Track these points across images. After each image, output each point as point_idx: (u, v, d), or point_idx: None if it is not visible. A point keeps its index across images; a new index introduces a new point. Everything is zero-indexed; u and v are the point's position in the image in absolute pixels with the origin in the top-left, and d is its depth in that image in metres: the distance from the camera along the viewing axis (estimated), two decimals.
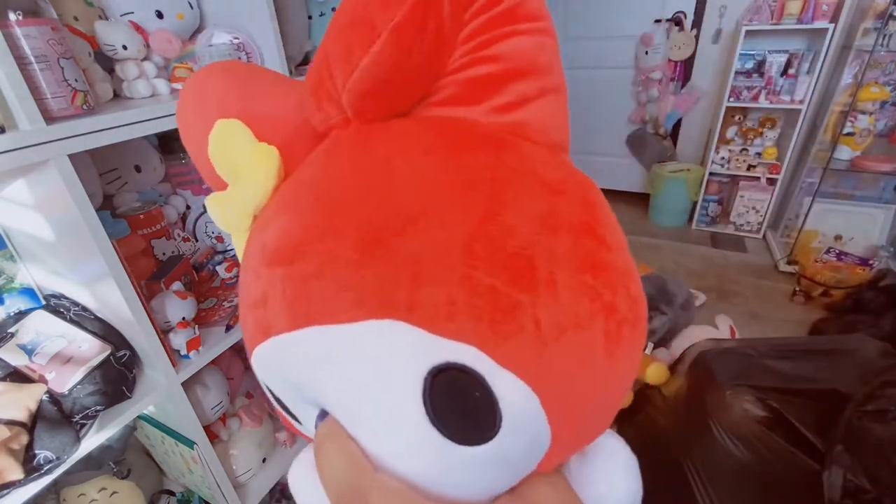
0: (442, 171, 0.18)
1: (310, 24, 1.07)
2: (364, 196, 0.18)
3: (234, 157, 0.23)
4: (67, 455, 0.61)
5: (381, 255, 0.17)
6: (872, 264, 2.04)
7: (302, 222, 0.19)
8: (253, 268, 0.21)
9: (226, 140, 0.23)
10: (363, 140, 0.20)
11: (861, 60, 2.02)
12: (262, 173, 0.22)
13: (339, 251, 0.17)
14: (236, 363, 1.09)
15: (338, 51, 0.19)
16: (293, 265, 0.18)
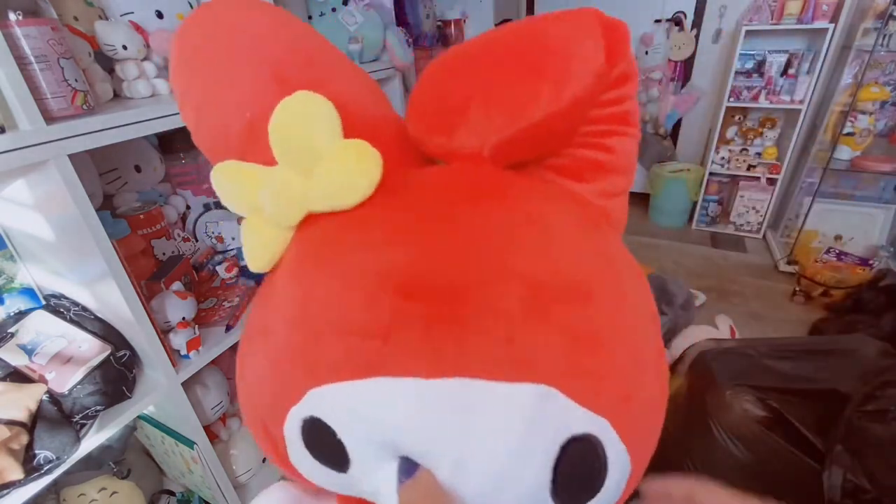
0: (595, 250, 0.20)
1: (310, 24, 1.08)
2: (527, 252, 0.18)
3: (317, 142, 0.20)
4: (67, 455, 0.61)
5: (547, 319, 0.17)
6: (872, 264, 2.04)
7: (448, 261, 0.18)
8: (358, 287, 0.18)
9: (310, 118, 0.20)
10: (505, 188, 0.20)
11: (861, 60, 2.02)
12: (362, 179, 0.19)
13: (503, 304, 0.17)
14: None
15: (507, 96, 0.19)
16: (445, 306, 0.17)
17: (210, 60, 0.22)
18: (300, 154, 0.20)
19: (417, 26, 1.58)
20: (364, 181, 0.19)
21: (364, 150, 0.20)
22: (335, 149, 0.20)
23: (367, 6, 1.11)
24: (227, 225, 1.01)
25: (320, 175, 0.20)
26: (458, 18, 1.88)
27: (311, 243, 0.20)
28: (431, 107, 0.21)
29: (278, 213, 0.20)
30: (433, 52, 1.74)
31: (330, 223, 0.20)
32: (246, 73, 0.21)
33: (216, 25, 0.22)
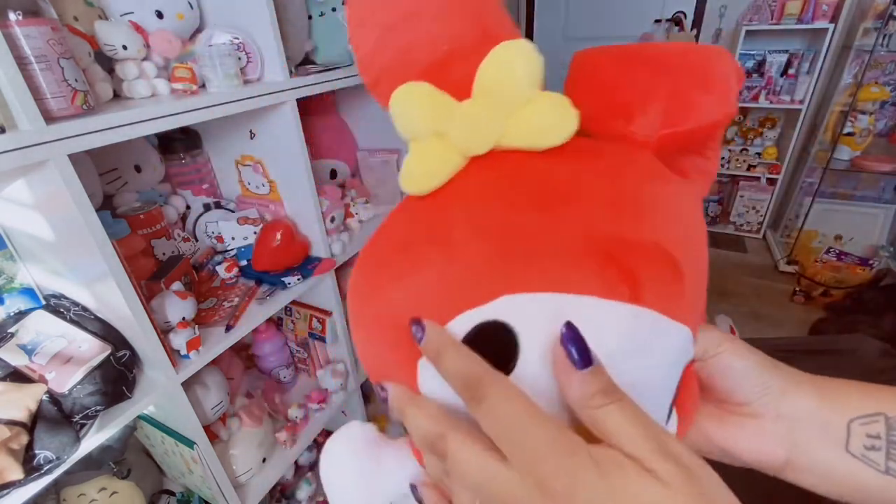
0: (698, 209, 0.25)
1: (310, 24, 1.07)
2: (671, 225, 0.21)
3: (522, 88, 0.22)
4: (67, 455, 0.61)
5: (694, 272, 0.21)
6: (872, 264, 2.04)
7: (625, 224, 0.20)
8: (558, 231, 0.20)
9: (525, 65, 0.22)
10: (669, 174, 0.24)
11: (861, 60, 2.02)
12: (563, 127, 0.22)
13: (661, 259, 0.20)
14: (236, 363, 1.09)
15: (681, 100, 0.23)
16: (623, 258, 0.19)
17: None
18: (508, 95, 0.22)
19: None
20: (565, 128, 0.22)
21: (565, 103, 0.22)
22: (540, 96, 0.22)
23: None
24: (226, 225, 1.01)
25: (523, 116, 0.22)
26: None
27: (505, 176, 0.22)
28: (612, 94, 0.25)
29: (471, 141, 0.22)
30: None
31: (519, 162, 0.22)
32: (454, 10, 0.23)
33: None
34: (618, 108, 0.24)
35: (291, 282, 0.97)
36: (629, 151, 0.23)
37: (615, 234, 0.19)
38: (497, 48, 0.22)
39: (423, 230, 0.22)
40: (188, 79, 0.76)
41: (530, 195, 0.21)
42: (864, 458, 0.22)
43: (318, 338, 1.15)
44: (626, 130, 0.24)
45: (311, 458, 1.34)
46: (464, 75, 0.22)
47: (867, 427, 0.23)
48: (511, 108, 0.22)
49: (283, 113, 0.89)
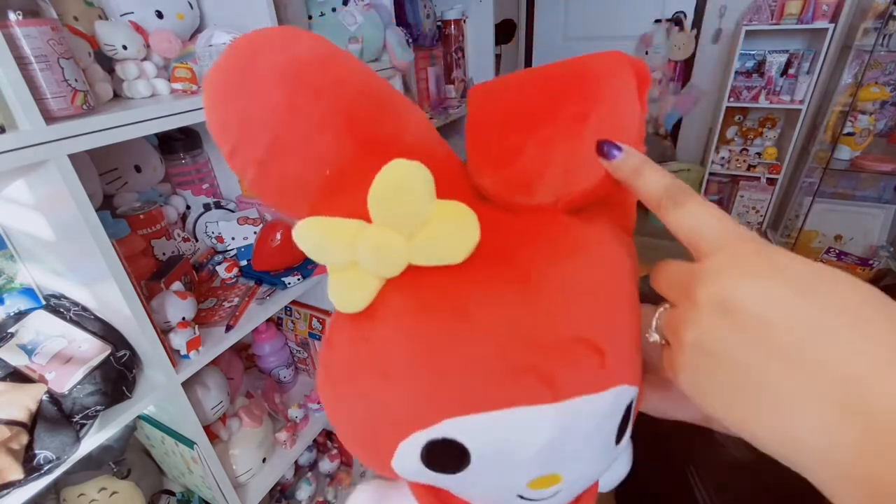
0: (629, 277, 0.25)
1: (310, 24, 1.07)
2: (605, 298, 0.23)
3: (418, 208, 0.22)
4: (67, 455, 0.61)
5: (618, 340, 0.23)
6: (872, 264, 2.04)
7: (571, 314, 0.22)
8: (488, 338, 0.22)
9: (411, 186, 0.21)
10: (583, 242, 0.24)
11: (861, 60, 2.02)
12: (466, 241, 0.22)
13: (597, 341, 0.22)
14: (236, 363, 1.09)
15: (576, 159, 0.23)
16: (555, 354, 0.21)
17: (268, 115, 0.21)
18: (403, 218, 0.22)
19: (417, 26, 1.58)
20: (466, 245, 0.22)
21: (463, 213, 0.22)
22: (439, 212, 0.22)
23: (367, 6, 1.11)
24: (226, 225, 1.01)
25: (425, 236, 0.22)
26: (458, 18, 1.88)
27: (420, 295, 0.23)
28: (507, 167, 0.24)
29: (381, 266, 0.22)
30: (433, 51, 1.74)
31: (434, 277, 0.22)
32: (318, 129, 0.22)
33: (264, 72, 0.21)
34: (516, 183, 0.24)
35: (291, 282, 0.97)
36: (536, 228, 0.23)
37: (530, 341, 0.21)
38: (381, 174, 0.21)
39: (363, 360, 0.24)
40: (188, 79, 0.76)
41: (446, 315, 0.22)
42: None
43: (318, 338, 1.15)
44: (530, 203, 0.24)
45: (311, 458, 1.34)
46: (356, 193, 0.22)
47: None
48: (412, 228, 0.22)
49: None
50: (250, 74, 0.21)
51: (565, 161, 0.23)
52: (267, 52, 0.21)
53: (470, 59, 2.05)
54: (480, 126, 0.26)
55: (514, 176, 0.24)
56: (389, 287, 0.23)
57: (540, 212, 0.24)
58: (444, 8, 1.83)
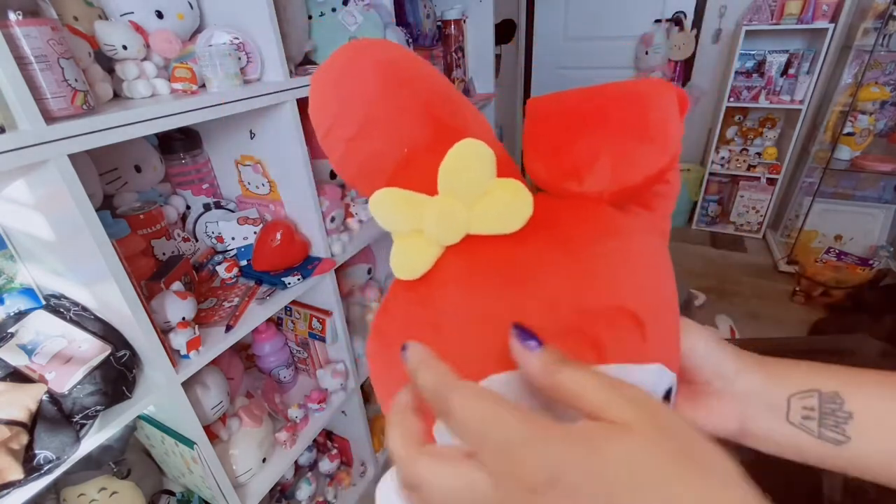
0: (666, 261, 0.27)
1: (310, 24, 1.07)
2: (640, 272, 0.25)
3: (480, 180, 0.24)
4: (67, 455, 0.61)
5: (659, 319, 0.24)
6: (872, 264, 2.04)
7: (613, 284, 0.23)
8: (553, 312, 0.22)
9: (477, 160, 0.24)
10: (624, 227, 0.26)
11: (861, 60, 2.03)
12: (520, 212, 0.24)
13: (640, 314, 0.23)
14: (236, 363, 1.09)
15: (626, 155, 0.25)
16: (597, 324, 0.22)
17: (365, 98, 0.25)
18: (467, 187, 0.24)
19: (417, 26, 1.58)
20: (522, 214, 0.24)
21: (519, 188, 0.25)
22: (496, 185, 0.25)
23: (367, 6, 1.11)
24: (226, 225, 1.01)
25: (484, 206, 0.24)
26: (458, 18, 1.88)
27: (476, 259, 0.25)
28: (561, 157, 0.27)
29: (443, 233, 0.25)
30: (433, 51, 1.74)
31: (489, 247, 0.25)
32: (403, 112, 0.26)
33: (365, 65, 0.26)
34: (568, 171, 0.26)
35: (291, 282, 0.97)
36: (584, 212, 0.26)
37: (577, 305, 0.22)
38: (453, 149, 0.24)
39: (418, 315, 0.25)
40: (188, 79, 0.76)
41: (501, 278, 0.23)
42: (801, 425, 0.27)
43: (317, 338, 1.15)
44: (579, 190, 0.26)
45: (310, 458, 1.34)
46: (428, 170, 0.25)
47: (803, 401, 0.27)
48: (472, 200, 0.24)
49: (283, 113, 0.89)
50: (355, 66, 0.26)
51: (614, 157, 0.26)
52: (369, 50, 0.26)
53: (470, 59, 2.05)
54: (536, 127, 0.29)
55: (567, 164, 0.27)
56: (447, 255, 0.25)
57: (587, 199, 0.26)
58: (444, 8, 1.83)
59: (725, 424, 0.29)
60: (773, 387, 0.28)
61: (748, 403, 0.29)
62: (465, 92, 1.99)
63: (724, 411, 0.29)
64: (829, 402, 0.26)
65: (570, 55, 3.02)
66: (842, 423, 0.26)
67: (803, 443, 0.27)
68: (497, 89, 2.16)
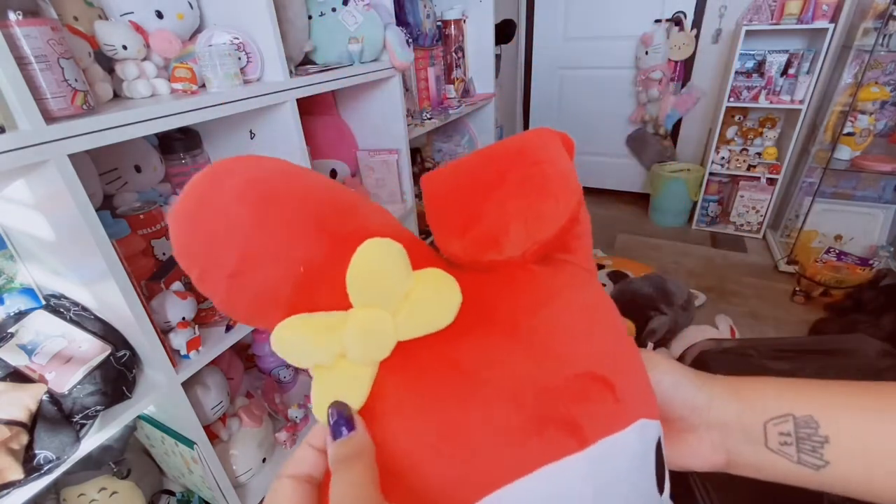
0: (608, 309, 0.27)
1: (310, 24, 1.07)
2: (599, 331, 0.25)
3: (400, 281, 0.22)
4: (67, 455, 0.61)
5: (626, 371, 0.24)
6: (872, 264, 2.04)
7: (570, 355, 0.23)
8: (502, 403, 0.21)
9: (389, 261, 0.22)
10: (554, 288, 0.25)
11: (861, 60, 2.02)
12: (451, 302, 0.22)
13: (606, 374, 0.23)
14: (236, 363, 1.09)
15: (534, 213, 0.25)
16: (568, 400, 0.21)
17: (236, 228, 0.22)
18: (386, 293, 0.22)
19: (417, 26, 1.58)
20: (452, 305, 0.22)
21: (441, 277, 0.23)
22: (417, 282, 0.22)
23: (367, 6, 1.11)
24: None
25: (410, 307, 0.22)
26: (458, 18, 1.88)
27: (417, 370, 0.22)
28: (473, 230, 0.26)
29: (372, 348, 0.22)
30: (433, 51, 1.74)
31: (425, 351, 0.22)
32: (291, 232, 0.22)
33: (227, 191, 0.22)
34: (485, 242, 0.25)
35: None
36: (512, 281, 0.25)
37: (540, 386, 0.21)
38: (357, 254, 0.22)
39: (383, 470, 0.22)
40: (188, 79, 0.76)
41: (450, 390, 0.21)
42: (780, 451, 0.27)
43: None
44: (500, 258, 0.25)
45: None
46: (332, 285, 0.22)
47: (779, 427, 0.27)
48: (395, 305, 0.22)
49: (283, 113, 0.89)
50: (212, 200, 0.22)
51: (523, 216, 0.25)
52: (225, 178, 0.22)
53: (470, 59, 2.05)
54: (438, 204, 0.28)
55: (481, 235, 0.25)
56: (382, 374, 0.22)
57: (510, 267, 0.25)
58: (444, 8, 1.83)
59: (710, 459, 0.29)
60: (747, 414, 0.28)
61: (726, 434, 0.28)
62: (464, 92, 1.99)
63: (704, 446, 0.29)
64: (804, 427, 0.26)
65: (570, 55, 3.02)
66: (818, 448, 0.26)
67: (785, 468, 0.27)
68: (497, 89, 2.16)
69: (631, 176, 3.16)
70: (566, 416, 0.21)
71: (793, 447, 0.26)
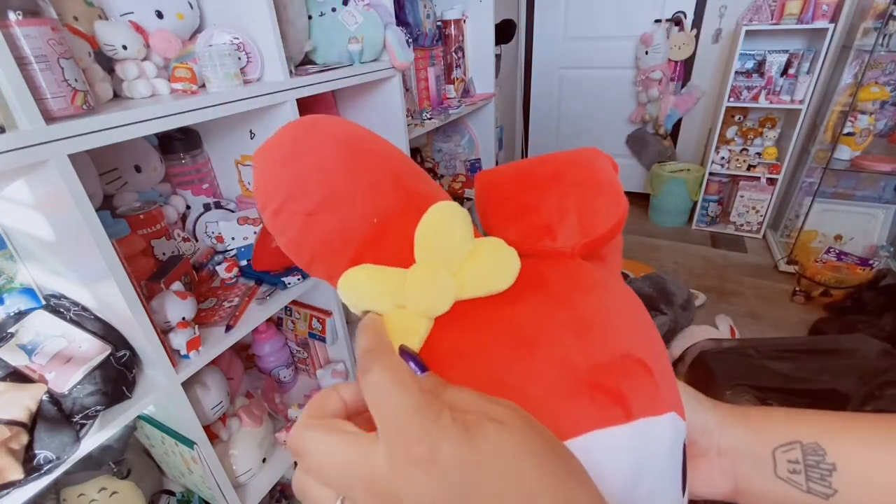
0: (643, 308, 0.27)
1: (310, 24, 1.07)
2: (635, 320, 0.25)
3: (463, 242, 0.23)
4: (67, 455, 0.61)
5: (658, 370, 0.23)
6: (872, 264, 2.04)
7: (615, 335, 0.23)
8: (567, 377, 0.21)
9: (456, 222, 0.23)
10: (599, 278, 0.26)
11: (861, 60, 2.03)
12: (510, 268, 0.23)
13: (646, 360, 0.23)
14: (236, 363, 1.09)
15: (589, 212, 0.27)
16: (612, 378, 0.22)
17: (326, 171, 0.23)
18: (449, 251, 0.23)
19: (417, 26, 1.59)
20: (512, 269, 0.23)
21: (502, 244, 0.24)
22: (479, 246, 0.24)
23: (367, 6, 1.11)
24: (226, 225, 1.01)
25: (471, 267, 0.23)
26: (458, 18, 1.88)
27: (474, 326, 0.23)
28: (530, 217, 0.27)
29: (431, 306, 0.23)
30: (433, 51, 1.74)
31: (483, 311, 0.23)
32: (374, 183, 0.24)
33: (322, 139, 0.24)
34: (540, 229, 0.27)
35: (291, 282, 0.97)
36: (563, 266, 0.26)
37: (590, 356, 0.22)
38: (429, 212, 0.23)
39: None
40: (188, 79, 0.76)
41: (507, 346, 0.22)
42: (790, 480, 0.26)
43: (318, 338, 1.15)
44: (553, 247, 0.26)
45: None
46: (399, 241, 0.23)
47: (787, 454, 0.27)
48: (456, 264, 0.23)
49: (283, 113, 0.89)
50: (312, 141, 0.24)
51: (579, 210, 0.27)
52: (323, 125, 0.24)
53: (470, 59, 2.05)
54: (496, 194, 0.29)
55: (537, 223, 0.27)
56: (438, 327, 0.23)
57: (559, 257, 0.26)
58: (444, 8, 1.83)
59: (717, 486, 0.28)
60: (756, 440, 0.28)
61: (736, 460, 0.28)
62: (464, 92, 1.99)
63: (713, 472, 0.29)
64: (812, 455, 0.26)
65: (570, 55, 3.02)
66: (826, 476, 0.26)
67: (795, 497, 0.26)
68: (497, 89, 2.16)
69: (631, 176, 3.16)
70: (615, 388, 0.21)
71: (801, 475, 0.26)
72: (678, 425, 0.23)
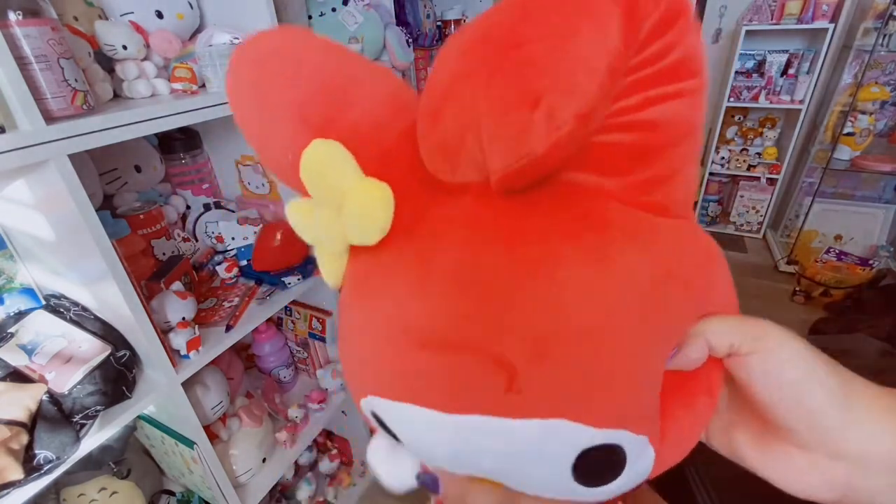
0: (606, 281, 0.18)
1: (310, 24, 1.08)
2: (528, 299, 0.17)
3: (336, 185, 0.21)
4: (67, 455, 0.61)
5: (543, 365, 0.17)
6: (872, 264, 2.04)
7: (458, 311, 0.18)
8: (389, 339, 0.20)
9: (326, 164, 0.21)
10: (513, 225, 0.18)
11: (861, 60, 2.03)
12: (373, 221, 0.20)
13: (503, 358, 0.17)
14: (236, 363, 1.09)
15: (498, 130, 0.16)
16: (457, 358, 0.18)
17: (256, 104, 0.23)
18: (327, 194, 0.21)
19: (417, 26, 1.58)
20: (376, 223, 0.20)
21: (376, 192, 0.20)
22: (353, 188, 0.20)
23: (367, 6, 1.11)
24: (226, 225, 1.01)
25: (346, 213, 0.21)
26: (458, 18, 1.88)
27: (351, 271, 0.24)
28: (432, 137, 0.19)
29: (326, 243, 0.23)
30: (433, 51, 1.74)
31: (361, 254, 0.22)
32: (282, 118, 0.22)
33: (256, 65, 0.23)
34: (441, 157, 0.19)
35: (291, 282, 0.97)
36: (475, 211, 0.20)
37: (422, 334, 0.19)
38: (304, 153, 0.21)
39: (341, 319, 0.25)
40: (188, 79, 0.76)
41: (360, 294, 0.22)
42: None
43: (318, 338, 1.15)
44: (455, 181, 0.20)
45: (310, 458, 1.34)
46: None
47: None
48: (336, 205, 0.21)
49: None
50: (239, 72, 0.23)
51: (482, 137, 0.17)
52: (250, 45, 0.23)
53: None
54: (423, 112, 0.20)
55: (439, 148, 0.19)
56: (349, 259, 0.24)
57: (482, 192, 0.19)
58: (444, 8, 1.83)
59: (816, 491, 0.19)
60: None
61: (860, 474, 0.18)
62: None
63: (815, 474, 0.19)
64: None
65: None
66: None
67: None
68: None
69: None
70: (439, 374, 0.18)
71: None
72: (557, 432, 0.18)
